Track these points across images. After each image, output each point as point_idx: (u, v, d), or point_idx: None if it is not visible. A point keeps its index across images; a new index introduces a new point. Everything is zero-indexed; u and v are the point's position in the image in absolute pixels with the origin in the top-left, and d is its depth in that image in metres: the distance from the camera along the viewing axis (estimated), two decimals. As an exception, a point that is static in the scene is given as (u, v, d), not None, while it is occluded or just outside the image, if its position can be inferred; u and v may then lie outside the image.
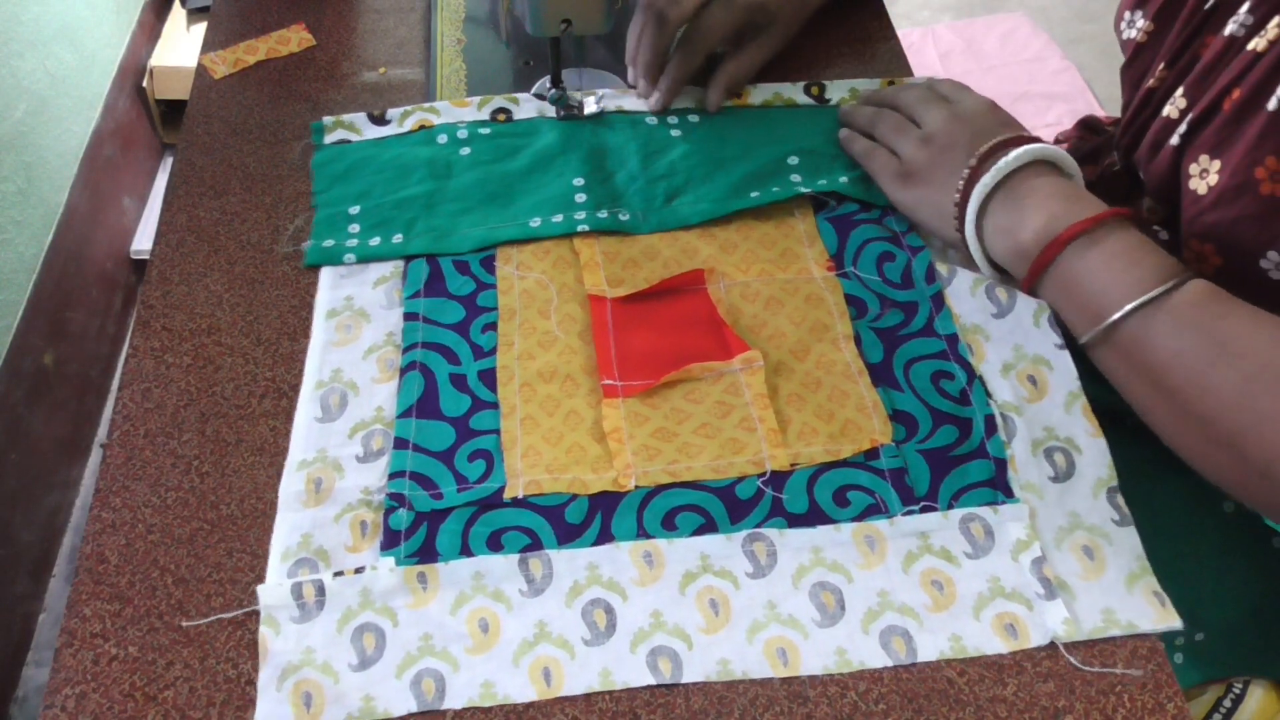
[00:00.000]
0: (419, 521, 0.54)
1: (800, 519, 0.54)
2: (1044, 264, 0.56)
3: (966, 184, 0.60)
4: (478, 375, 0.60)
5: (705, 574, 0.52)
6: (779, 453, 0.56)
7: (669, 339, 0.62)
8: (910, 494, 0.55)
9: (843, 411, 0.58)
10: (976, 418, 0.57)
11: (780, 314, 0.63)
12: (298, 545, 0.54)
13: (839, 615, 0.51)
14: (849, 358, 0.60)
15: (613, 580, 0.52)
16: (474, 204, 0.69)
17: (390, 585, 0.52)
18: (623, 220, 0.67)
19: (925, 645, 0.50)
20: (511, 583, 0.52)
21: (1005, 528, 0.53)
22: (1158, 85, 0.68)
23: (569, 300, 0.64)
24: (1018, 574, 0.52)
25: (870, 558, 0.53)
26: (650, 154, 0.72)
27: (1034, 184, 0.59)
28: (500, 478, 0.56)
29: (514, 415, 0.58)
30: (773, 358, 0.61)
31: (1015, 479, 0.55)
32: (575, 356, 0.61)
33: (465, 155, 0.72)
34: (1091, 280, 0.55)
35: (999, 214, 0.59)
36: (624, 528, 0.54)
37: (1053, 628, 0.50)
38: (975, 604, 0.51)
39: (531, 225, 0.67)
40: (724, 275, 0.65)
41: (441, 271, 0.65)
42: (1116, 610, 0.51)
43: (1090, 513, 0.54)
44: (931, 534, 0.53)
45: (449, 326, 0.63)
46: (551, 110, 0.75)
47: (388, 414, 0.59)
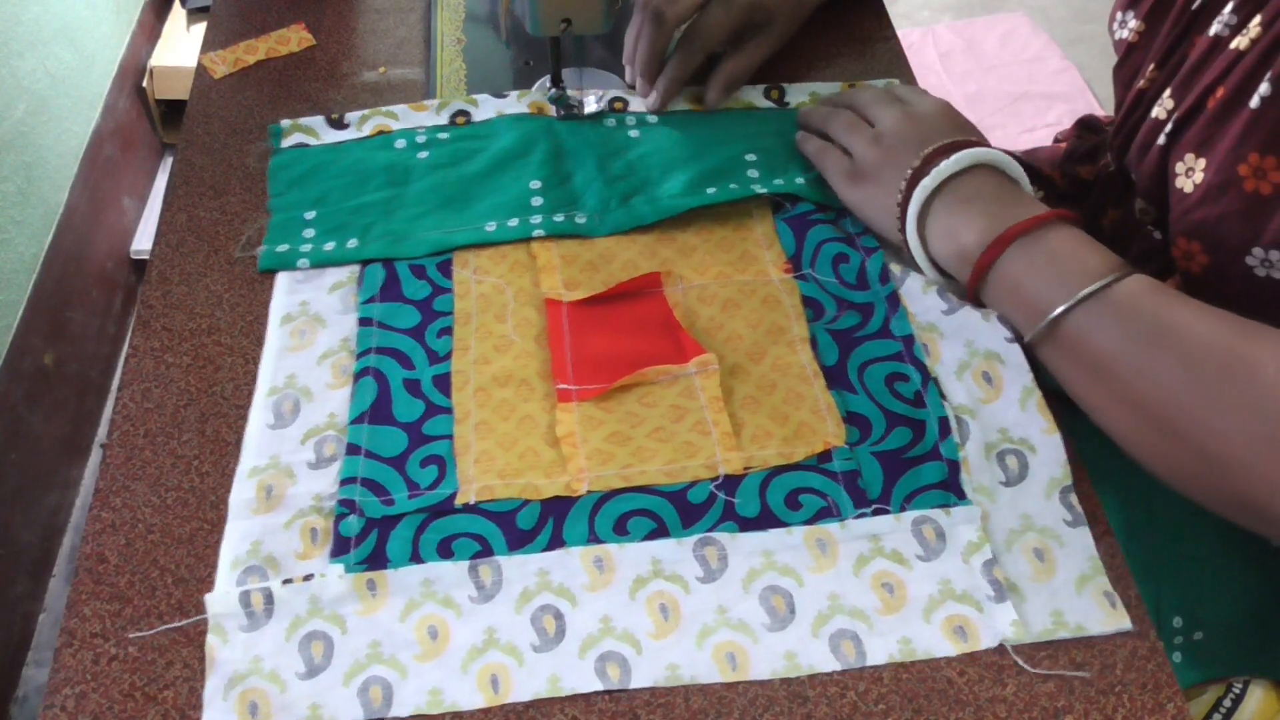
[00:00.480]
0: (369, 528, 0.54)
1: (752, 523, 0.54)
2: (986, 264, 0.56)
3: (909, 184, 0.60)
4: (432, 380, 0.60)
5: (656, 579, 0.52)
6: (732, 456, 0.56)
7: (625, 342, 0.61)
8: (863, 496, 0.55)
9: (797, 414, 0.58)
10: (930, 420, 0.57)
11: (737, 316, 0.63)
12: (247, 553, 0.53)
13: (789, 619, 0.51)
14: (805, 360, 0.60)
15: (563, 586, 0.52)
16: (430, 208, 0.69)
17: (339, 592, 0.52)
18: (579, 223, 0.67)
19: (874, 648, 0.50)
20: (461, 589, 0.52)
21: (957, 530, 0.53)
22: (1148, 86, 0.69)
23: (526, 304, 0.64)
24: (968, 576, 0.52)
25: (821, 561, 0.53)
26: (608, 155, 0.71)
27: (977, 187, 0.59)
28: (452, 484, 0.55)
29: (468, 420, 0.58)
30: (729, 360, 0.60)
31: (968, 481, 0.55)
32: (531, 360, 0.61)
33: (423, 160, 0.71)
34: (1034, 278, 0.55)
35: (941, 216, 0.59)
36: (575, 533, 0.54)
37: (1001, 630, 0.50)
38: (925, 606, 0.51)
39: (487, 230, 0.67)
40: (681, 278, 0.65)
41: (398, 276, 0.65)
42: (1065, 612, 0.51)
43: (1042, 514, 0.54)
44: (883, 536, 0.53)
45: (404, 331, 0.62)
46: (511, 109, 0.75)
47: (341, 420, 0.58)
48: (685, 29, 0.73)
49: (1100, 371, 0.52)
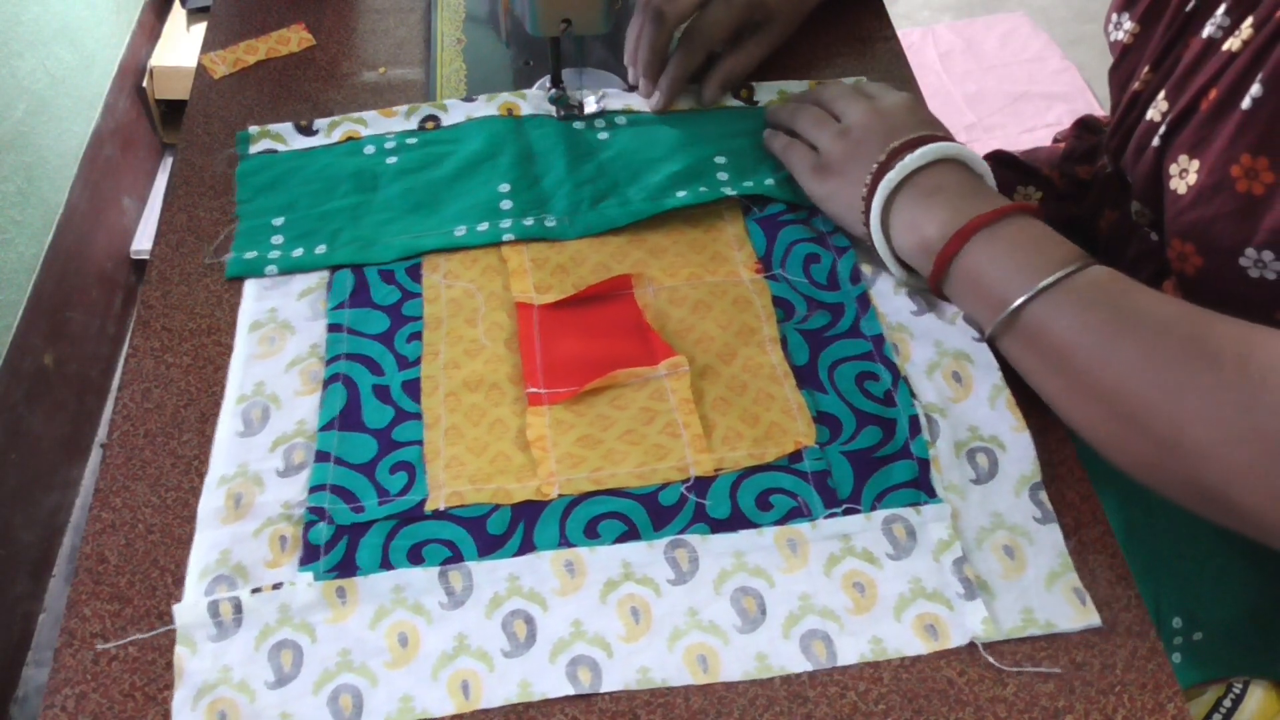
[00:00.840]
0: (339, 535, 0.54)
1: (723, 524, 0.54)
2: (948, 256, 0.56)
3: (874, 178, 0.60)
4: (401, 386, 0.60)
5: (627, 582, 0.52)
6: (703, 458, 0.56)
7: (595, 345, 0.61)
8: (833, 496, 0.54)
9: (768, 415, 0.58)
10: (900, 419, 0.57)
11: (708, 318, 0.63)
12: (216, 562, 0.53)
13: (760, 620, 0.51)
14: (775, 361, 0.60)
15: (533, 590, 0.52)
16: (399, 213, 0.68)
17: (308, 600, 0.52)
18: (549, 226, 0.67)
19: (845, 648, 0.50)
20: (431, 595, 0.52)
21: (927, 528, 0.53)
22: (1142, 88, 0.69)
23: (496, 308, 0.63)
24: (939, 574, 0.52)
25: (792, 561, 0.53)
26: (577, 157, 0.71)
27: (941, 181, 0.59)
28: (422, 490, 0.55)
29: (438, 426, 0.58)
30: (699, 362, 0.60)
31: (938, 480, 0.55)
32: (501, 365, 0.60)
33: (392, 165, 0.71)
34: (995, 270, 0.55)
35: (905, 209, 0.59)
36: (546, 537, 0.53)
37: (972, 628, 0.50)
38: (896, 605, 0.51)
39: (456, 234, 0.67)
40: (652, 280, 0.65)
41: (367, 282, 0.65)
42: (1035, 609, 0.51)
43: (1012, 512, 0.54)
44: (854, 536, 0.53)
45: (373, 337, 0.62)
46: (480, 111, 0.74)
47: (310, 427, 0.58)
48: (686, 27, 0.73)
49: (1061, 361, 0.52)
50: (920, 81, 0.79)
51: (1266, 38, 0.57)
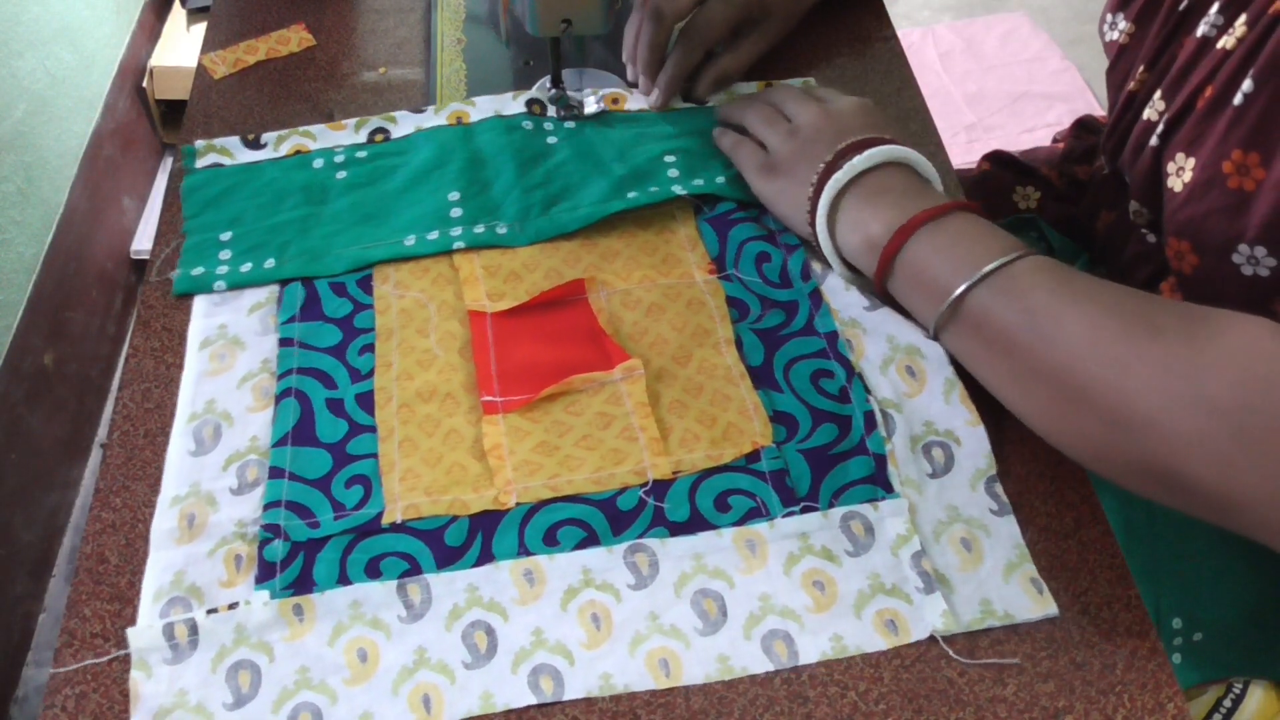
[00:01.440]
0: (295, 552, 0.53)
1: (682, 527, 0.54)
2: (892, 252, 0.56)
3: (820, 178, 0.60)
4: (355, 399, 0.59)
5: (587, 588, 0.52)
6: (661, 461, 0.56)
7: (550, 351, 0.61)
8: (791, 495, 0.54)
9: (724, 416, 0.58)
10: (856, 415, 0.57)
11: (662, 320, 0.63)
12: (170, 584, 0.52)
13: (721, 622, 0.51)
14: (730, 361, 0.60)
15: (493, 601, 0.51)
16: (348, 225, 0.68)
17: (265, 619, 0.51)
18: (500, 234, 0.66)
19: (806, 647, 0.50)
20: (390, 609, 0.51)
21: (885, 524, 0.53)
22: (1138, 88, 0.69)
23: (448, 317, 0.63)
24: (897, 569, 0.52)
25: (751, 562, 0.53)
26: (526, 161, 0.70)
27: (887, 183, 0.59)
28: (378, 503, 0.55)
29: (392, 438, 0.57)
30: (654, 365, 0.60)
31: (895, 475, 0.55)
32: (455, 374, 0.60)
33: (341, 179, 0.70)
34: (938, 262, 0.55)
35: (851, 210, 0.59)
36: (505, 546, 0.53)
37: (931, 621, 0.50)
38: (856, 602, 0.51)
39: (406, 244, 0.66)
40: (605, 284, 0.65)
41: (318, 294, 0.64)
42: (994, 601, 0.51)
43: (969, 505, 0.54)
44: (812, 534, 0.53)
45: (325, 350, 0.61)
46: (429, 122, 0.74)
47: (263, 443, 0.57)
48: (684, 25, 0.73)
49: (1005, 347, 0.52)
50: (920, 81, 0.79)
51: (1259, 34, 0.58)
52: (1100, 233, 0.79)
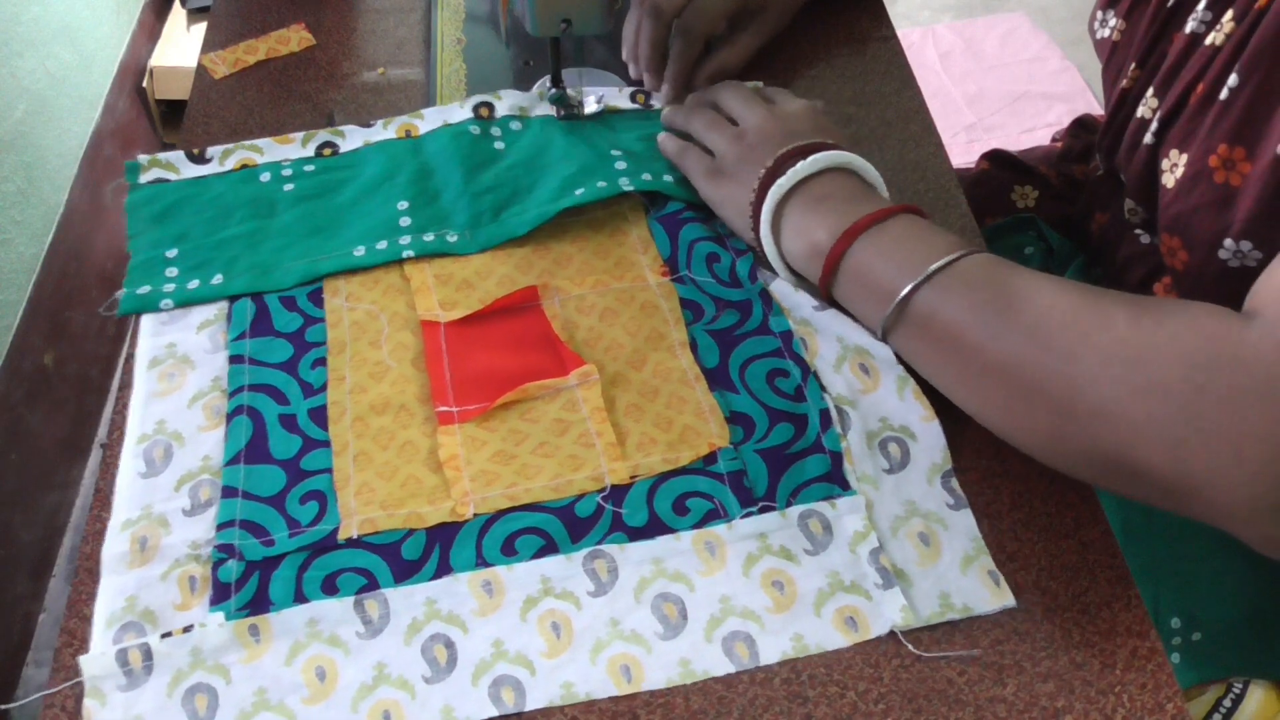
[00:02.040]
0: (250, 571, 0.52)
1: (640, 532, 0.53)
2: (837, 257, 0.56)
3: (762, 184, 0.60)
4: (308, 414, 0.58)
5: (546, 597, 0.52)
6: (618, 466, 0.56)
7: (504, 359, 0.61)
8: (749, 495, 0.55)
9: (680, 418, 0.58)
10: (811, 413, 0.57)
11: (616, 325, 0.62)
12: (122, 609, 0.51)
13: (681, 626, 0.51)
14: (685, 364, 0.60)
15: (452, 613, 0.51)
16: (297, 238, 0.67)
17: (221, 641, 0.50)
18: (450, 242, 0.66)
19: (767, 647, 0.50)
20: (348, 626, 0.51)
21: (843, 521, 0.54)
22: (1131, 85, 0.69)
23: (401, 328, 0.62)
24: (856, 566, 0.52)
25: (711, 564, 0.52)
26: (474, 168, 0.70)
27: (831, 189, 0.59)
28: (334, 519, 0.54)
29: (346, 452, 0.57)
30: (610, 370, 0.60)
31: (851, 471, 0.55)
32: (409, 385, 0.60)
33: (289, 192, 0.69)
34: (882, 264, 0.55)
35: (795, 216, 0.59)
36: (463, 558, 0.53)
37: (890, 617, 0.51)
38: (816, 601, 0.51)
39: (356, 255, 0.65)
40: (559, 290, 0.64)
41: (268, 309, 0.63)
42: (952, 594, 0.51)
43: (925, 499, 0.55)
44: (770, 534, 0.53)
45: (277, 366, 0.60)
46: (377, 136, 0.73)
47: (215, 463, 0.56)
48: (680, 19, 0.73)
49: (954, 345, 0.52)
50: (920, 81, 0.79)
51: (1246, 29, 0.58)
52: (1095, 233, 0.79)
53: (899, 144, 0.74)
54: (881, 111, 0.77)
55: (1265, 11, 0.57)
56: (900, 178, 0.72)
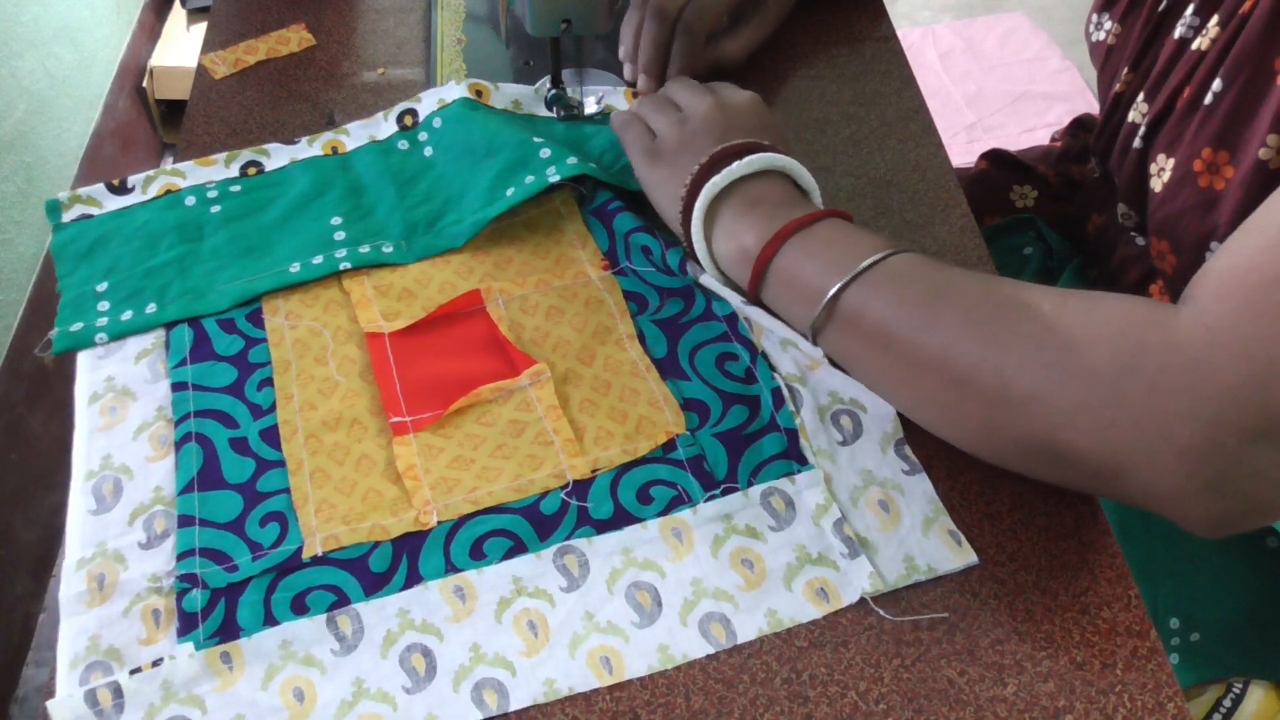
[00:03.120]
0: (215, 599, 0.51)
1: (607, 524, 0.54)
2: (765, 260, 0.56)
3: (696, 179, 0.59)
4: (259, 435, 0.58)
5: (520, 597, 0.52)
6: (578, 461, 0.56)
7: (454, 365, 0.60)
8: (710, 479, 0.55)
9: (635, 410, 0.58)
10: (764, 393, 0.58)
11: (562, 322, 0.62)
12: (86, 649, 0.50)
13: (657, 613, 0.51)
14: (635, 356, 0.61)
15: (426, 622, 0.51)
16: (229, 259, 0.66)
17: (192, 672, 0.49)
18: (386, 253, 0.66)
19: (744, 625, 0.51)
20: (322, 644, 0.50)
21: (804, 496, 0.55)
22: (1123, 89, 0.69)
23: (345, 342, 0.62)
24: (821, 538, 0.53)
25: (679, 549, 0.53)
26: (406, 182, 0.69)
27: (763, 193, 0.58)
28: (296, 538, 0.53)
29: (302, 471, 0.56)
30: (560, 367, 0.60)
31: (807, 447, 0.56)
32: (359, 399, 0.59)
33: (216, 214, 0.68)
34: (810, 266, 0.55)
35: (727, 218, 0.59)
36: (431, 566, 0.53)
37: (859, 584, 0.51)
38: (785, 575, 0.52)
39: (291, 271, 0.64)
40: (501, 291, 0.64)
41: (207, 334, 0.62)
42: (916, 556, 0.53)
43: (881, 468, 0.56)
44: (735, 515, 0.54)
45: (221, 390, 0.60)
46: (303, 153, 0.72)
47: (167, 493, 0.55)
48: (683, 15, 0.73)
49: (884, 340, 0.53)
50: (920, 81, 0.79)
51: (1230, 34, 0.58)
52: (1091, 235, 0.79)
53: (899, 144, 0.74)
54: (881, 111, 0.77)
55: (1249, 17, 0.57)
56: (900, 178, 0.72)
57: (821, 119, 0.77)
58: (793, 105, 0.78)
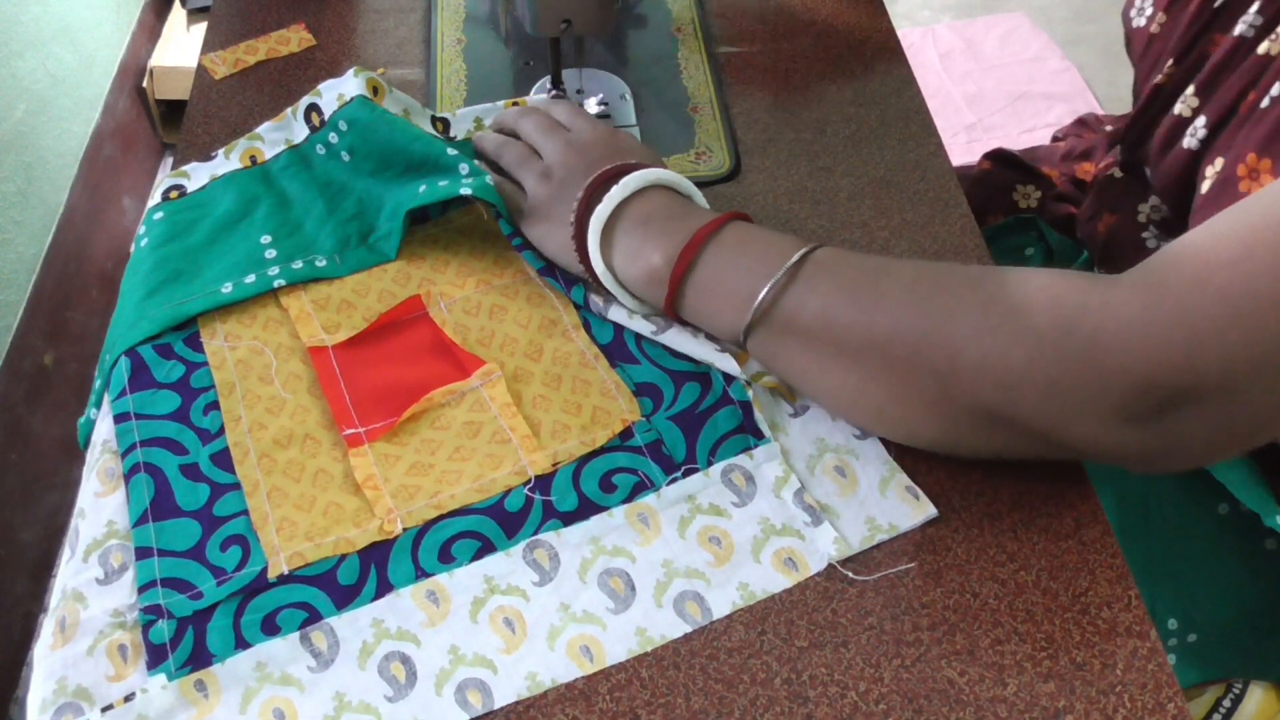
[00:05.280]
0: (183, 628, 0.50)
1: (574, 515, 0.54)
2: (680, 276, 0.56)
3: (578, 217, 0.58)
4: (210, 460, 0.56)
5: (493, 595, 0.51)
6: (537, 456, 0.56)
7: (402, 372, 0.60)
8: (670, 462, 0.56)
9: (589, 401, 0.58)
10: (714, 370, 0.58)
11: (506, 320, 0.62)
12: (54, 693, 0.48)
13: (631, 597, 0.52)
14: (582, 346, 0.61)
15: (402, 630, 0.50)
16: (157, 285, 0.64)
17: (167, 704, 0.48)
18: (320, 266, 0.64)
19: (718, 601, 0.51)
20: (298, 662, 0.49)
21: (762, 470, 0.55)
22: (1165, 81, 0.67)
23: (288, 359, 0.61)
24: (783, 510, 0.54)
25: (647, 534, 0.53)
26: (334, 194, 0.68)
27: (650, 209, 0.58)
28: (260, 559, 0.52)
29: (259, 491, 0.55)
30: (510, 365, 0.60)
31: (762, 420, 0.56)
32: (309, 414, 0.58)
33: (143, 247, 0.67)
34: (730, 273, 0.55)
35: (622, 243, 0.58)
36: (401, 573, 0.52)
37: (825, 550, 0.52)
38: (753, 548, 0.53)
39: (224, 292, 0.63)
40: (442, 295, 0.63)
41: (144, 362, 0.60)
42: (877, 516, 0.54)
43: (833, 434, 0.57)
44: (698, 495, 0.55)
45: (166, 417, 0.58)
46: (222, 169, 0.70)
47: (121, 526, 0.54)
48: None
49: (822, 334, 0.53)
50: (920, 81, 0.79)
51: None
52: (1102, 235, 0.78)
53: (899, 144, 0.74)
54: (881, 111, 0.77)
55: None
56: (900, 178, 0.72)
57: (821, 119, 0.77)
58: (793, 105, 0.78)
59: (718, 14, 0.86)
